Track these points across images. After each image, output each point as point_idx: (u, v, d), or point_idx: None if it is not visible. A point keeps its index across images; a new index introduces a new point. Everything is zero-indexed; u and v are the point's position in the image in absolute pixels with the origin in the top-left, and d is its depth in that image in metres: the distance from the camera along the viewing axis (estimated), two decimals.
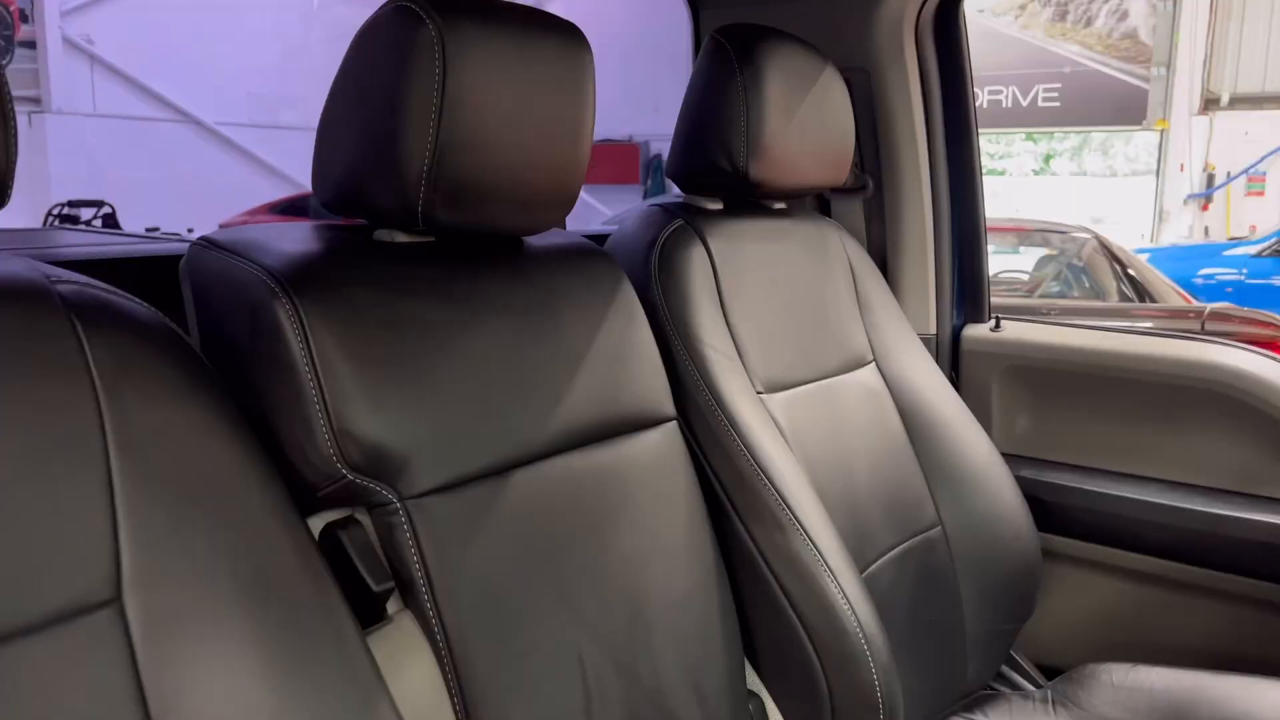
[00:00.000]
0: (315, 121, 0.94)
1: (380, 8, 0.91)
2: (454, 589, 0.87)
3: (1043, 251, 5.38)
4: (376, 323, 0.88)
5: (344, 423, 0.84)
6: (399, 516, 0.86)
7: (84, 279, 0.75)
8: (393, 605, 0.87)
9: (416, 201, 0.89)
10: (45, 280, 0.72)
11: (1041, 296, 5.00)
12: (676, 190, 1.44)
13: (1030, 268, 5.34)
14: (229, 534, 0.72)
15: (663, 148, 13.51)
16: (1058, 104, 12.16)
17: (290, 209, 10.85)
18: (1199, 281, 7.56)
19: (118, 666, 0.65)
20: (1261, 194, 12.44)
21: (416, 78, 0.87)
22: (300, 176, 13.06)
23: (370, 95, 0.90)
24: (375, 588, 0.84)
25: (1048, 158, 14.45)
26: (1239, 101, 12.45)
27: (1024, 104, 12.21)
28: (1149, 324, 4.27)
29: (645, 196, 12.21)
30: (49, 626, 0.64)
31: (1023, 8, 12.00)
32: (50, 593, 0.64)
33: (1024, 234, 5.53)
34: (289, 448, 0.84)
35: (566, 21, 0.99)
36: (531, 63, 0.93)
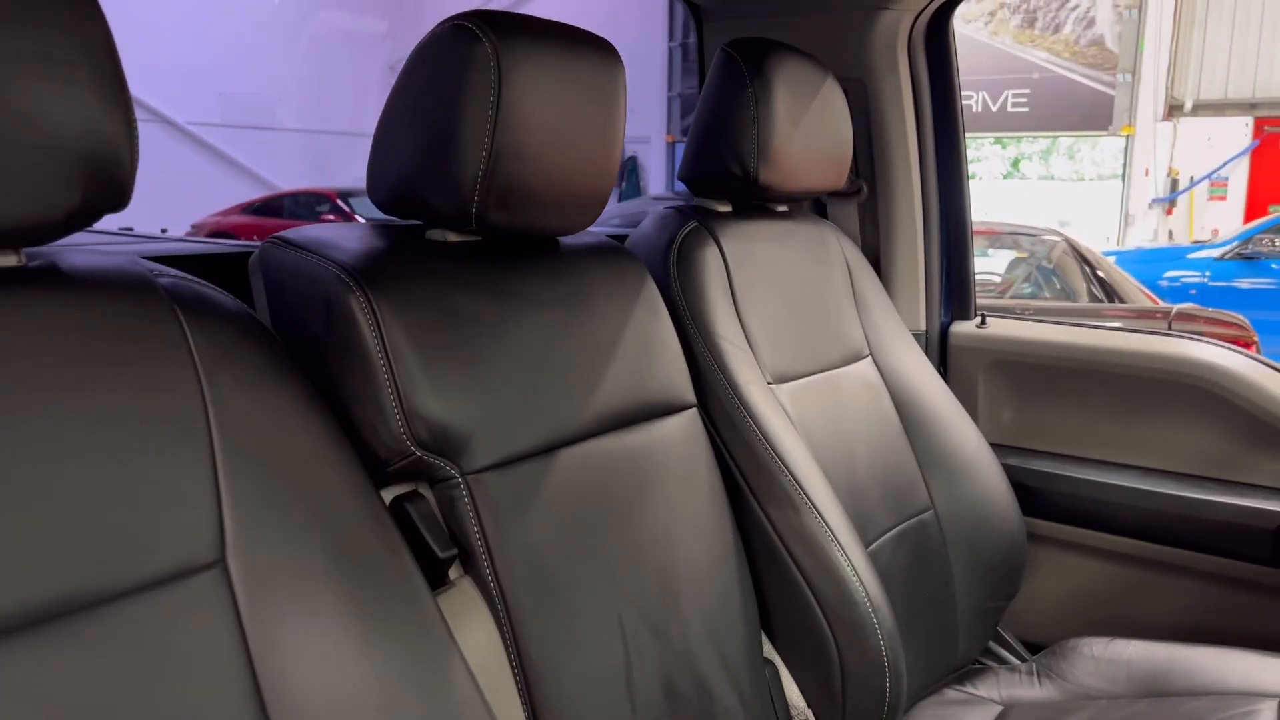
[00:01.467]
0: (289, 122, 0.99)
1: (437, 26, 0.98)
2: (509, 557, 0.95)
3: (1013, 254, 5.51)
4: (436, 314, 0.96)
5: (412, 404, 0.91)
6: (460, 490, 0.94)
7: (177, 273, 0.82)
8: (454, 572, 0.95)
9: (471, 204, 0.97)
10: (148, 273, 0.79)
11: (1013, 298, 5.13)
12: (651, 193, 1.51)
13: (1002, 270, 5.46)
14: (316, 504, 0.80)
15: (637, 149, 13.58)
16: (1027, 109, 12.34)
17: (264, 209, 10.80)
18: (1164, 284, 7.73)
19: (224, 621, 0.73)
20: (1223, 198, 12.71)
21: (474, 91, 0.94)
22: (272, 177, 13.01)
23: (428, 107, 0.97)
24: (441, 554, 0.92)
25: (1016, 162, 14.64)
26: (1202, 108, 12.71)
27: (994, 109, 12.39)
28: (1118, 324, 4.40)
29: (620, 199, 12.27)
30: (165, 584, 0.71)
31: (992, 14, 12.18)
32: (165, 553, 0.71)
33: (995, 236, 5.65)
34: (362, 427, 0.92)
35: (602, 38, 1.07)
36: (574, 77, 1.01)
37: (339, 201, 10.64)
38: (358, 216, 10.53)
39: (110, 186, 0.70)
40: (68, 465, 0.68)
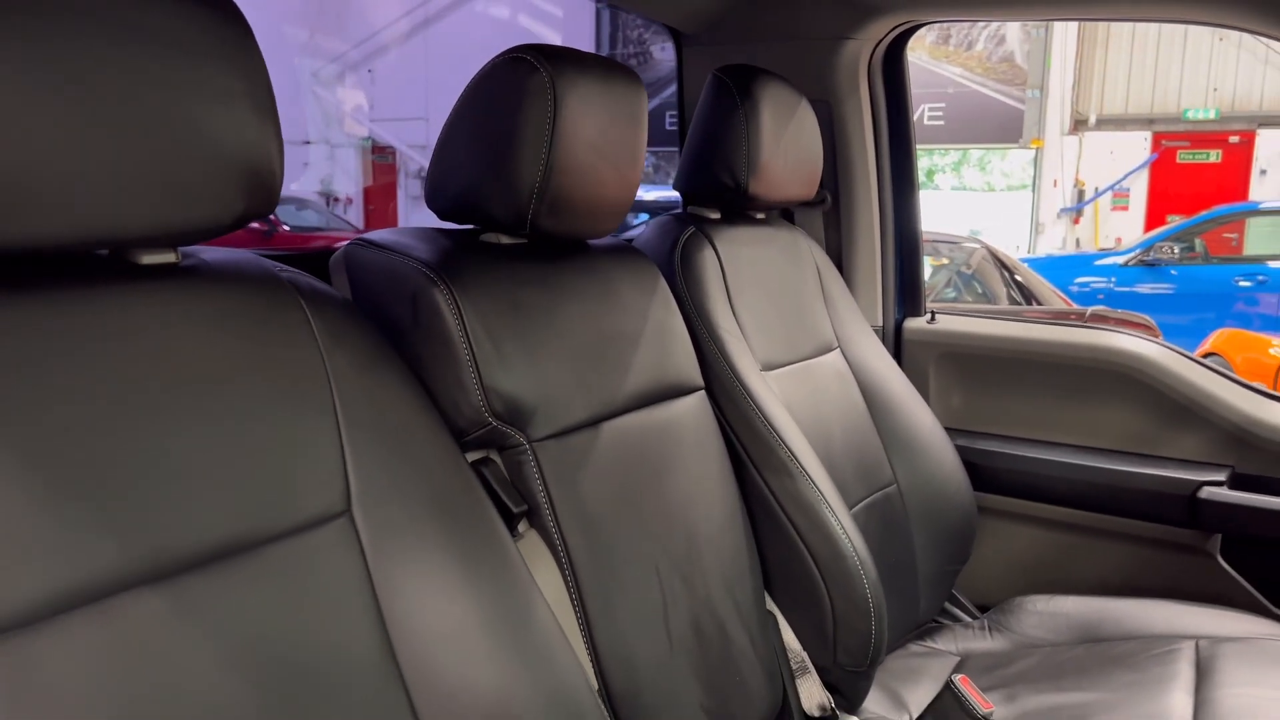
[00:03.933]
0: None
1: (495, 58, 1.13)
2: (569, 512, 1.10)
3: (934, 261, 5.77)
4: (502, 304, 1.10)
5: (489, 381, 1.06)
6: (527, 456, 1.09)
7: (291, 268, 0.96)
8: (521, 526, 1.10)
9: (527, 211, 1.11)
10: (273, 268, 0.93)
11: (935, 302, 5.39)
12: None
13: (925, 276, 5.70)
14: (419, 465, 0.94)
15: None
16: (942, 122, 12.74)
17: None
18: (1074, 289, 8.12)
19: (354, 561, 0.86)
20: (1125, 208, 13.34)
21: (533, 114, 1.09)
22: None
23: (489, 128, 1.11)
24: (514, 509, 1.06)
25: (930, 173, 15.08)
26: (1105, 123, 13.34)
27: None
28: None
29: None
30: (307, 529, 0.84)
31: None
32: (305, 503, 0.84)
33: None
34: (444, 403, 1.06)
35: (629, 68, 1.23)
36: (611, 100, 1.17)
37: None
38: (283, 225, 10.44)
39: (263, 194, 0.83)
40: (225, 430, 0.80)
